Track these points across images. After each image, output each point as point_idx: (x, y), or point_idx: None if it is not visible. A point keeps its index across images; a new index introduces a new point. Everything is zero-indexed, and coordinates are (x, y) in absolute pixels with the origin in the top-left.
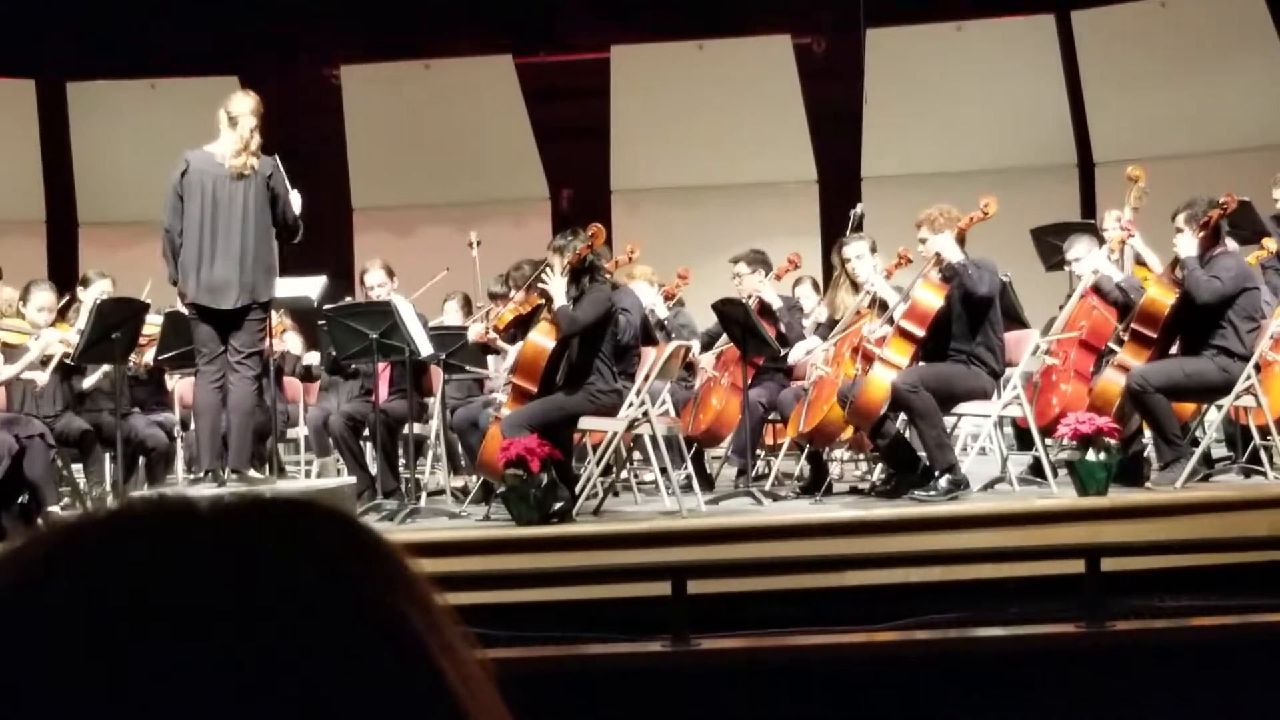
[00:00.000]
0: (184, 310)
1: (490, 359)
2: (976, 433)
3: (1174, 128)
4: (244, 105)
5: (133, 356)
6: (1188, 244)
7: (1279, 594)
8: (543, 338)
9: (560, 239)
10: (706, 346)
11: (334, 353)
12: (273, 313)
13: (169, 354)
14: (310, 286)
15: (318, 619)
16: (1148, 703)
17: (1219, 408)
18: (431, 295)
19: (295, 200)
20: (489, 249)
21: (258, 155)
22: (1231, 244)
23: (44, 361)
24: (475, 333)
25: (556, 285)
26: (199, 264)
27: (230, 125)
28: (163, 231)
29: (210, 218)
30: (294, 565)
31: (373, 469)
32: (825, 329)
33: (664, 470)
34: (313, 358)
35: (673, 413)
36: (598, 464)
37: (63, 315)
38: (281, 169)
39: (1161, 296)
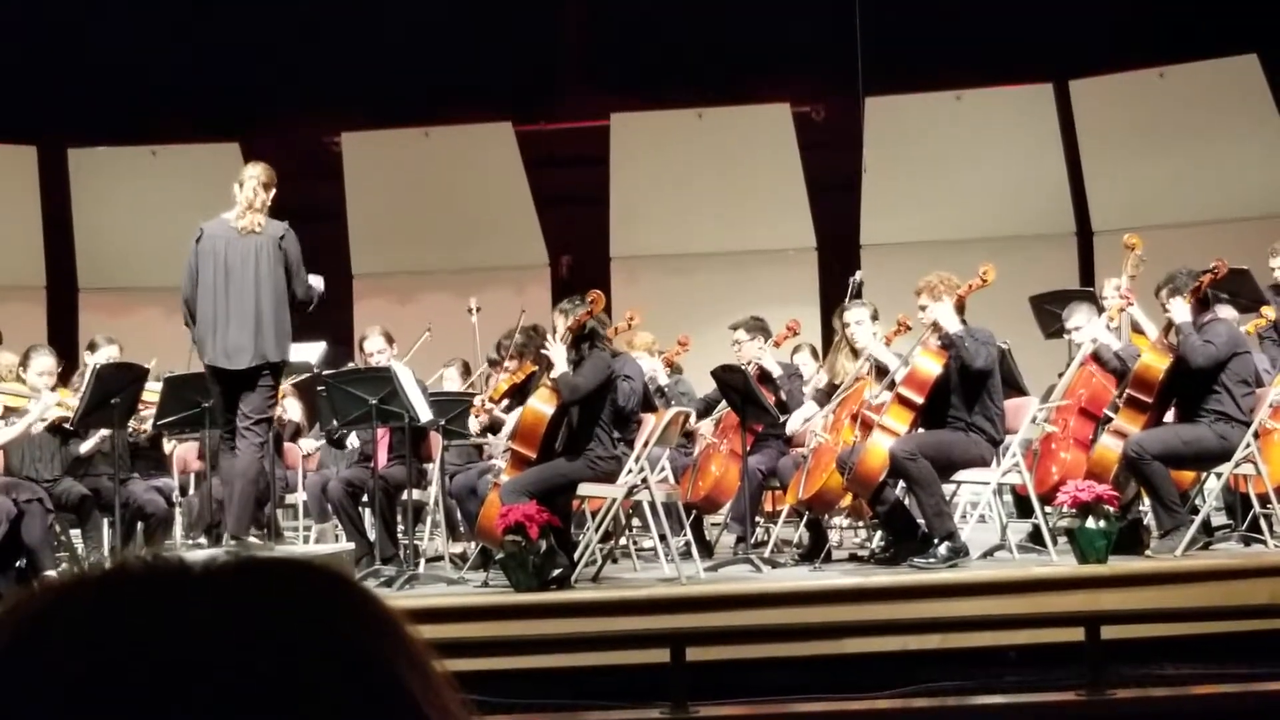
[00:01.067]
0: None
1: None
2: (976, 500)
3: (1172, 197)
4: (249, 170)
5: (132, 422)
6: (1181, 310)
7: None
8: (542, 404)
9: (568, 302)
10: (703, 414)
11: (335, 421)
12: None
13: (168, 419)
14: (310, 352)
15: (314, 679)
16: None
17: (1218, 476)
18: (429, 360)
19: (317, 282)
20: (488, 315)
21: (263, 213)
22: (1229, 311)
23: (40, 421)
24: (480, 423)
25: (558, 351)
26: (214, 327)
27: (239, 189)
28: (181, 303)
29: (223, 280)
30: (290, 625)
31: (371, 535)
32: (824, 395)
33: (663, 537)
34: (309, 444)
35: (672, 479)
36: (596, 530)
37: (65, 381)
38: (294, 236)
39: (1156, 362)
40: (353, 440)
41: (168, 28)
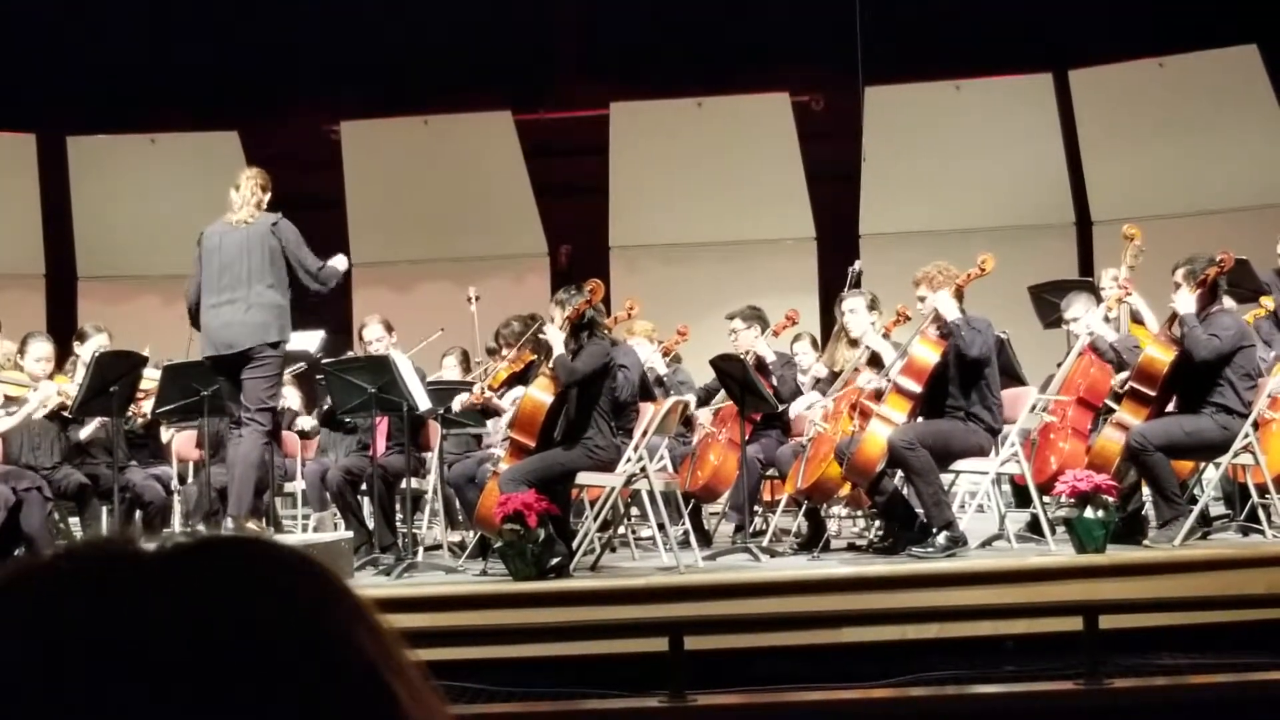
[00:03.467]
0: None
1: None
2: (974, 490)
3: (1171, 187)
4: (247, 172)
5: (131, 409)
6: (1186, 301)
7: (1277, 652)
8: (541, 393)
9: (564, 292)
10: (703, 402)
11: (330, 406)
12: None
13: (166, 408)
14: (309, 340)
15: (273, 655)
16: None
17: (1217, 466)
18: (429, 350)
19: (339, 262)
20: (488, 305)
21: (258, 210)
22: (1229, 302)
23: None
24: (462, 402)
25: (555, 335)
26: (212, 316)
27: (235, 192)
28: (186, 308)
29: (219, 272)
30: (247, 603)
31: (370, 524)
32: (825, 384)
33: (661, 526)
34: (307, 422)
35: (670, 468)
36: (595, 519)
37: (60, 369)
38: (287, 222)
39: (1160, 355)
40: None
41: (167, 15)
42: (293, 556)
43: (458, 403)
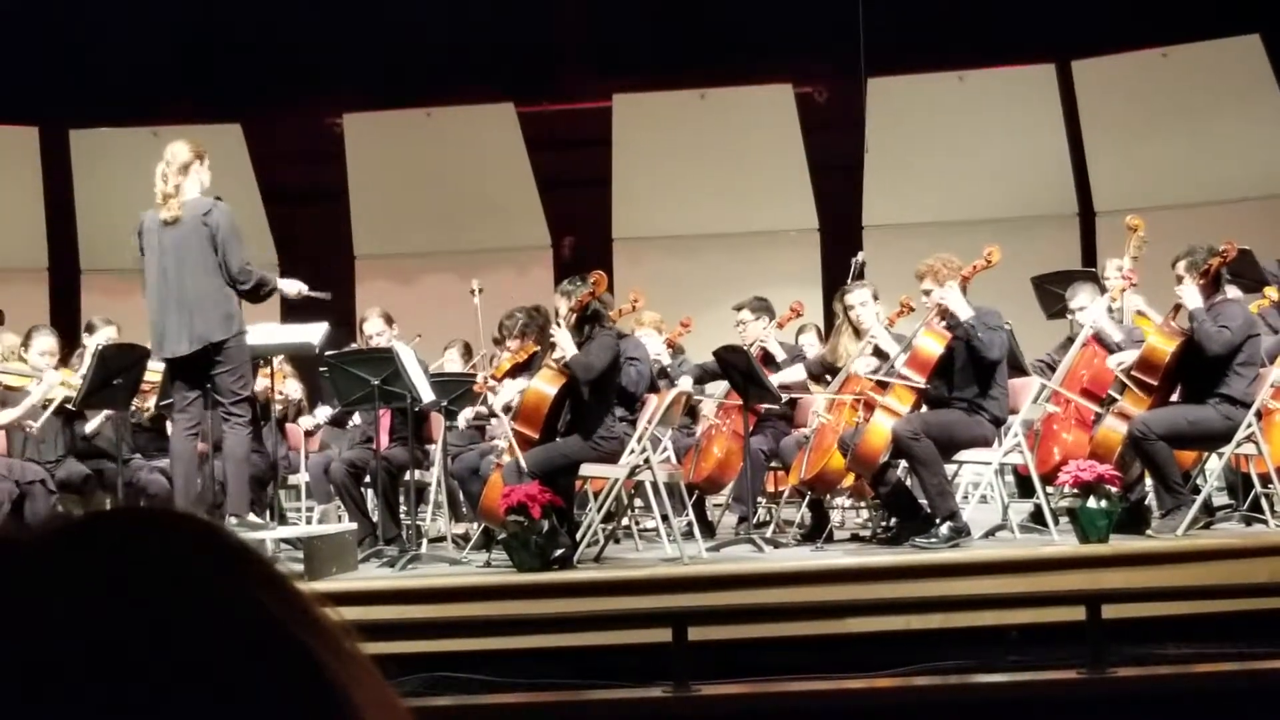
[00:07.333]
0: None
1: (489, 402)
2: (978, 480)
3: (1174, 177)
4: (166, 153)
5: (135, 402)
6: (1193, 294)
7: None
8: (545, 385)
9: (569, 283)
10: (700, 380)
11: (336, 402)
12: (274, 360)
13: (170, 401)
14: (312, 333)
15: (190, 640)
16: None
17: (1220, 455)
18: (429, 342)
19: (289, 286)
20: (491, 297)
21: (179, 197)
22: (1235, 290)
23: (44, 405)
24: (467, 419)
25: (563, 336)
26: (158, 316)
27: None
28: None
29: (159, 269)
30: (150, 584)
31: (374, 516)
32: (816, 365)
33: (665, 517)
34: (309, 421)
35: (674, 460)
36: (599, 511)
37: (65, 361)
38: (222, 209)
39: (1162, 344)
40: (354, 418)
41: (169, 8)
42: (204, 531)
43: (497, 403)
